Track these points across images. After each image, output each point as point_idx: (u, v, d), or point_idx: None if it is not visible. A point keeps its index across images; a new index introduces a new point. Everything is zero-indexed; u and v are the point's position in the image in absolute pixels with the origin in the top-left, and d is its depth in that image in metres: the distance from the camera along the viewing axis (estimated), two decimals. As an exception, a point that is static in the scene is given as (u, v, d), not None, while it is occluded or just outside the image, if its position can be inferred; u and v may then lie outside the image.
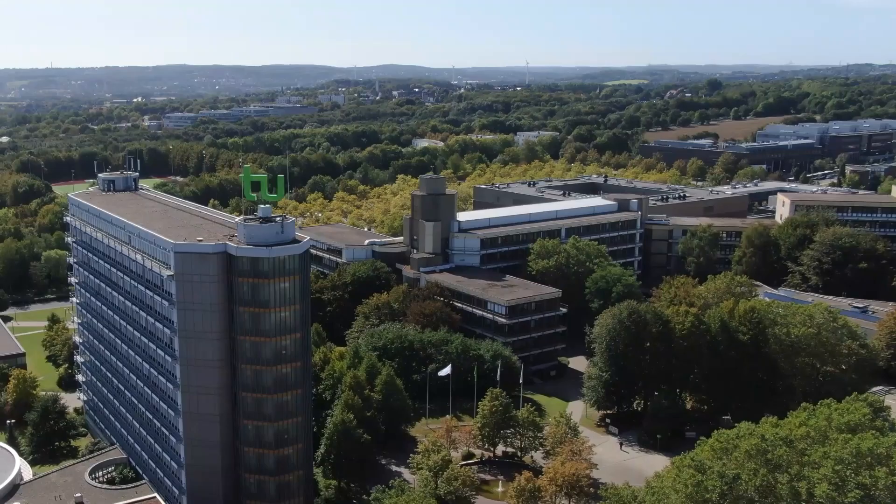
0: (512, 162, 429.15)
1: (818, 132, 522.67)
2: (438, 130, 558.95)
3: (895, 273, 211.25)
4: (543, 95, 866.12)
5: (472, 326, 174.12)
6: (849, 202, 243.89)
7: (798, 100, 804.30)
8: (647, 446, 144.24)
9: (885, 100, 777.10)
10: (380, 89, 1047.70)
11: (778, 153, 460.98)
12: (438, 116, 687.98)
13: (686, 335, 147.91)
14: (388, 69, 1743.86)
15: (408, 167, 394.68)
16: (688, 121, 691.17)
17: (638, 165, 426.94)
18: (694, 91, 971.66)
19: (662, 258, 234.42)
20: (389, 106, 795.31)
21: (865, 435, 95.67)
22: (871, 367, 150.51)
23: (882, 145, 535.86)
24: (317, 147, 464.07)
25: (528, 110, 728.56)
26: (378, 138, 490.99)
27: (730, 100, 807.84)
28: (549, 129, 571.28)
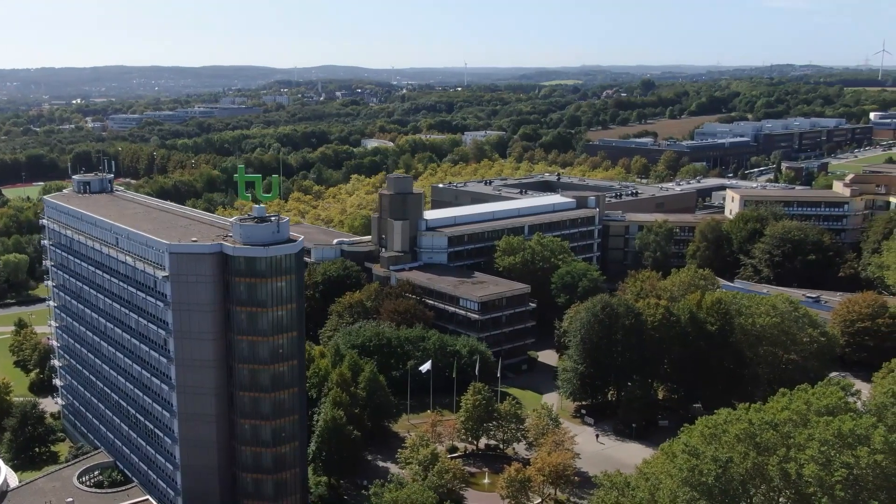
0: (462, 161, 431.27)
1: (753, 130, 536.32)
2: (386, 130, 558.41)
3: (841, 264, 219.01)
4: (485, 96, 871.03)
5: (445, 323, 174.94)
6: (794, 197, 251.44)
7: (729, 99, 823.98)
8: (623, 435, 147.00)
9: (810, 99, 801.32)
10: (322, 90, 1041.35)
11: (716, 151, 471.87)
12: (383, 117, 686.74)
13: (657, 327, 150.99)
14: (327, 70, 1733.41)
15: (360, 167, 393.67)
16: (626, 120, 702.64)
17: (584, 164, 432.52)
18: (629, 91, 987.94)
19: (619, 253, 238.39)
20: (334, 106, 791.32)
21: (844, 417, 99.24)
22: (829, 354, 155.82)
23: (812, 142, 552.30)
24: (267, 148, 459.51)
25: (472, 110, 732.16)
26: (328, 139, 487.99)
27: (665, 99, 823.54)
28: (495, 128, 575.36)
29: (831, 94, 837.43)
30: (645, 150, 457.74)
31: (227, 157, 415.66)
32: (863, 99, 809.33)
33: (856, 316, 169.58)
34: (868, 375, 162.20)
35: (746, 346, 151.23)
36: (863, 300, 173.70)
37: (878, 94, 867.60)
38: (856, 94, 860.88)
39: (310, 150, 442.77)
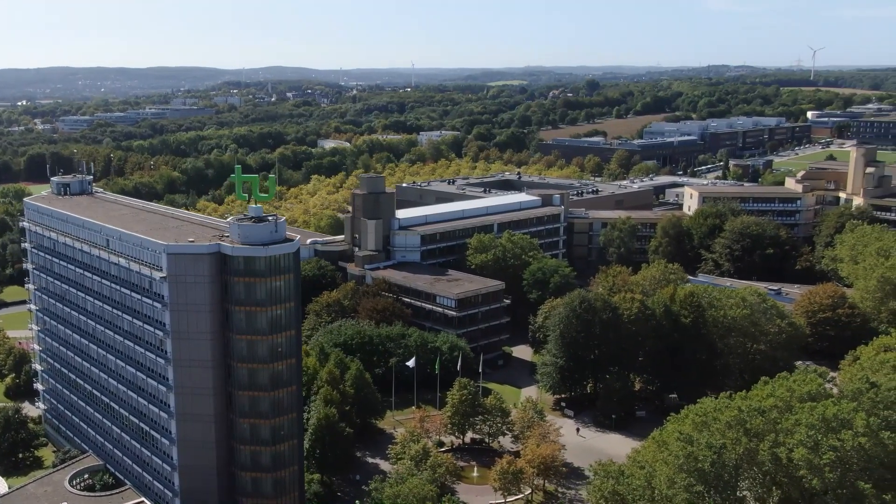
0: (419, 161, 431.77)
1: (699, 129, 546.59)
2: (341, 131, 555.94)
3: (797, 257, 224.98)
4: (436, 96, 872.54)
5: (421, 320, 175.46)
6: (750, 193, 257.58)
7: (672, 99, 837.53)
8: (603, 426, 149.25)
9: (750, 99, 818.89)
10: (273, 91, 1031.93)
11: (666, 149, 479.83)
12: (336, 117, 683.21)
13: (633, 320, 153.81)
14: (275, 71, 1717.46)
15: (320, 167, 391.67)
16: (575, 119, 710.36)
17: (539, 163, 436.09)
18: (575, 91, 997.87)
19: (584, 250, 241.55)
20: (286, 107, 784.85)
21: (826, 403, 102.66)
22: (796, 344, 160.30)
23: (755, 141, 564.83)
24: (224, 149, 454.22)
25: (424, 111, 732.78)
26: (284, 139, 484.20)
27: (611, 99, 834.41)
28: (449, 128, 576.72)
29: (769, 94, 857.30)
30: (597, 149, 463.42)
31: (184, 158, 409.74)
32: (799, 98, 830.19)
33: (817, 307, 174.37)
34: (830, 363, 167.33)
35: (718, 338, 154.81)
36: (823, 292, 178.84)
37: (814, 94, 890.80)
38: (792, 93, 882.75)
39: (268, 151, 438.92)
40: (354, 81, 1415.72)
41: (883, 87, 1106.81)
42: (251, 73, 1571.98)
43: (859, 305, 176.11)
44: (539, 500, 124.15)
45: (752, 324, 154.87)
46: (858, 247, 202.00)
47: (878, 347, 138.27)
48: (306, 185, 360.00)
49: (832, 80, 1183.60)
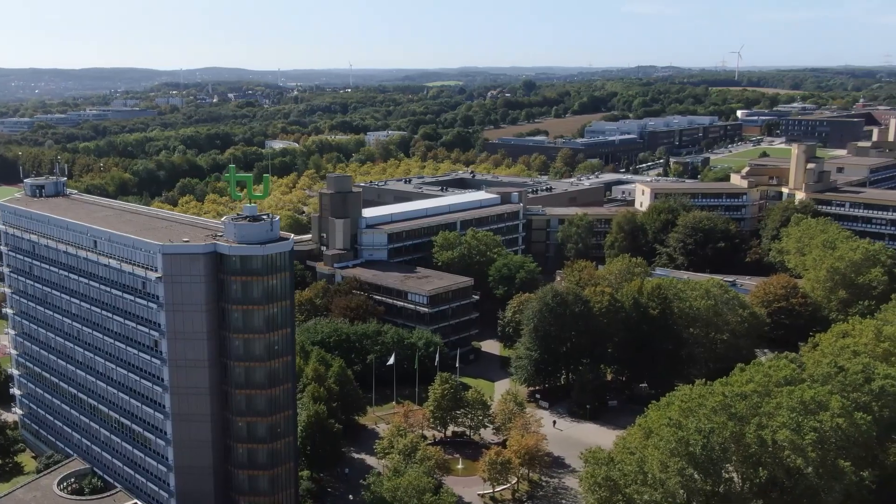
0: (369, 161, 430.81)
1: (638, 128, 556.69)
2: (288, 132, 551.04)
3: (747, 250, 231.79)
4: (378, 97, 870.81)
5: (393, 317, 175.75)
6: (699, 189, 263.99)
7: (608, 99, 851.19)
8: (578, 416, 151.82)
9: (682, 98, 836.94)
10: (213, 92, 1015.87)
11: (608, 148, 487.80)
12: (280, 118, 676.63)
13: (603, 313, 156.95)
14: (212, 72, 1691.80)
15: (271, 168, 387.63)
16: (515, 119, 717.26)
17: (486, 161, 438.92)
18: (512, 91, 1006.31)
19: (542, 246, 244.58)
20: (229, 108, 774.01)
21: (802, 386, 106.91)
22: (757, 333, 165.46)
23: (690, 139, 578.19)
24: (172, 150, 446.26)
25: (367, 111, 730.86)
26: (232, 140, 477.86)
27: (549, 99, 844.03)
28: (394, 128, 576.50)
29: (699, 94, 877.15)
30: (542, 147, 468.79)
31: (132, 159, 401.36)
32: (729, 98, 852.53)
33: (772, 297, 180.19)
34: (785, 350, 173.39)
35: (683, 329, 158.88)
36: (777, 282, 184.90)
37: (742, 94, 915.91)
38: (721, 93, 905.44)
39: (218, 152, 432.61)
40: (293, 82, 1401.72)
41: (802, 87, 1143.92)
42: (188, 73, 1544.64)
43: (811, 295, 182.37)
44: (525, 489, 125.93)
45: (716, 314, 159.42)
46: (804, 239, 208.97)
47: (837, 334, 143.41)
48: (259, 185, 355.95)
49: (755, 80, 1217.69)
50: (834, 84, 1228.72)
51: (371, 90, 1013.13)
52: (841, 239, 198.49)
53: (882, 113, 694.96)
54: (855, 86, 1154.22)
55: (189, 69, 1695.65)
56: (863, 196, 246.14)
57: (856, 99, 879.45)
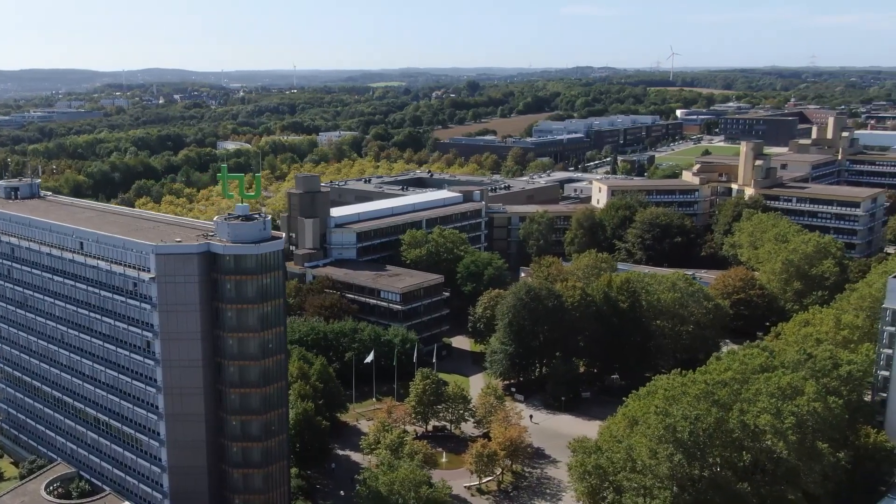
0: (323, 161, 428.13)
1: (584, 127, 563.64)
2: (239, 133, 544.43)
3: (702, 244, 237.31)
4: (325, 97, 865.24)
5: (366, 315, 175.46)
6: (654, 186, 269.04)
7: (551, 99, 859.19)
8: (553, 408, 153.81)
9: (623, 98, 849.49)
10: (159, 93, 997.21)
11: (556, 147, 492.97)
12: (228, 119, 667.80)
13: (575, 307, 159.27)
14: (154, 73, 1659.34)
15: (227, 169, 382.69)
16: (463, 119, 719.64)
17: (439, 161, 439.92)
18: (457, 92, 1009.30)
19: (503, 243, 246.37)
20: (177, 109, 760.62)
21: (777, 373, 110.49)
22: (721, 324, 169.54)
23: (634, 137, 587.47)
24: (123, 152, 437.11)
25: (315, 111, 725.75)
26: (183, 142, 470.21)
27: (494, 99, 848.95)
28: (344, 129, 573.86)
29: (639, 94, 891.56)
30: (493, 147, 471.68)
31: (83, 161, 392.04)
32: (667, 98, 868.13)
33: (732, 289, 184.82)
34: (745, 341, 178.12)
35: (651, 321, 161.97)
36: (735, 275, 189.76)
37: (679, 94, 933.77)
38: (660, 93, 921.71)
39: (171, 154, 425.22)
40: (236, 83, 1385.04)
41: (734, 87, 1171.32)
42: (130, 75, 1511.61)
43: (767, 286, 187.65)
44: (509, 480, 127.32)
45: (682, 306, 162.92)
46: (756, 233, 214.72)
47: (799, 323, 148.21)
48: (215, 186, 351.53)
49: (689, 81, 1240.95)
50: (763, 84, 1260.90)
51: (317, 91, 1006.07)
52: (792, 232, 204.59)
53: (813, 112, 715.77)
54: (783, 86, 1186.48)
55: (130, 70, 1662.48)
56: (808, 191, 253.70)
57: (786, 98, 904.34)
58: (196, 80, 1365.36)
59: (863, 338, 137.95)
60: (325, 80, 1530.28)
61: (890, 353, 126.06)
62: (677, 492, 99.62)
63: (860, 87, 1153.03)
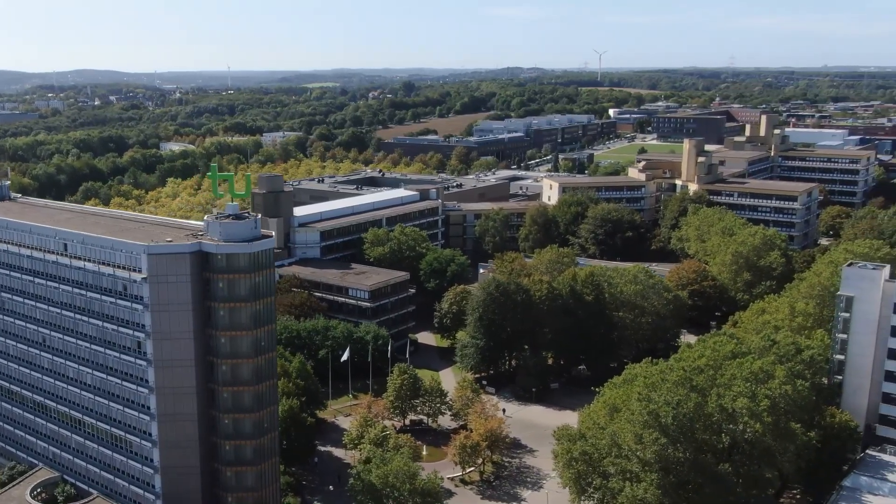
0: (269, 162, 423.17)
1: (524, 126, 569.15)
2: (181, 134, 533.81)
3: (652, 239, 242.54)
4: (264, 98, 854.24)
5: (334, 313, 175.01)
6: (603, 183, 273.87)
7: (487, 99, 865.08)
8: (524, 400, 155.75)
9: (556, 98, 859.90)
10: (94, 94, 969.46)
11: (498, 146, 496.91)
12: (167, 120, 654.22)
13: (543, 301, 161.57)
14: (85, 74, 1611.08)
15: (173, 170, 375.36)
16: (402, 119, 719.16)
17: (384, 161, 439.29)
18: (393, 92, 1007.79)
19: (460, 240, 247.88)
20: (114, 111, 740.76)
21: (748, 358, 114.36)
22: (681, 315, 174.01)
23: (572, 136, 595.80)
24: (65, 154, 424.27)
25: (255, 112, 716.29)
26: (126, 143, 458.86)
27: (431, 99, 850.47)
28: (287, 129, 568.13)
29: (571, 94, 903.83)
30: (437, 146, 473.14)
31: (23, 163, 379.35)
32: (599, 98, 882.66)
33: (685, 281, 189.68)
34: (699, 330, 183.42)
35: (614, 313, 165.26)
36: (688, 267, 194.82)
37: (610, 93, 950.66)
38: (591, 93, 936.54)
39: (115, 155, 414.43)
40: (170, 84, 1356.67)
41: (658, 87, 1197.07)
42: (60, 76, 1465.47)
43: (718, 277, 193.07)
44: (490, 471, 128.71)
45: (643, 298, 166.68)
46: (703, 227, 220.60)
47: (756, 311, 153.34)
48: (163, 188, 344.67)
49: (616, 81, 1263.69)
50: (686, 84, 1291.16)
51: (254, 92, 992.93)
52: (738, 226, 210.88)
53: (738, 111, 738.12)
54: (704, 86, 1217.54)
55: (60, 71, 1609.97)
56: (748, 186, 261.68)
57: (711, 98, 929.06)
58: (128, 81, 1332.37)
59: (815, 324, 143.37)
60: (259, 81, 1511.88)
61: (845, 337, 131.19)
62: (662, 475, 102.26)
63: (776, 86, 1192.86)
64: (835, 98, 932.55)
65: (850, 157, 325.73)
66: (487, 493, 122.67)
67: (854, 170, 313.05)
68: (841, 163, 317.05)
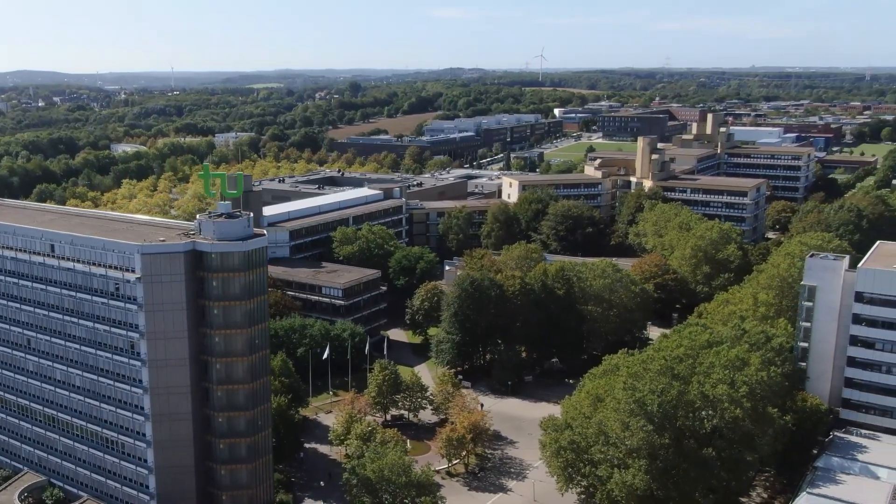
0: (223, 162, 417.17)
1: (474, 126, 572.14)
2: (132, 135, 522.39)
3: (611, 234, 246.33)
4: (211, 99, 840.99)
5: (307, 311, 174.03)
6: (561, 181, 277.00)
7: (434, 99, 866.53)
8: (500, 393, 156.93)
9: (502, 98, 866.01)
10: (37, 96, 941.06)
11: (451, 145, 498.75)
12: (115, 121, 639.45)
13: (516, 295, 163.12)
14: (24, 75, 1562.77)
15: (128, 171, 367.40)
16: (352, 119, 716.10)
17: (338, 160, 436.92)
18: (340, 93, 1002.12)
19: (423, 238, 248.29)
20: (60, 112, 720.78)
21: (723, 347, 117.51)
22: (647, 307, 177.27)
23: (520, 135, 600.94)
24: (14, 156, 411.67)
25: (203, 113, 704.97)
26: (76, 145, 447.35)
27: (379, 100, 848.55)
28: (237, 130, 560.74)
29: (516, 94, 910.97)
30: (391, 146, 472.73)
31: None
32: (544, 97, 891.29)
33: (648, 274, 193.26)
34: (662, 322, 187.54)
35: (584, 307, 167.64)
36: (650, 261, 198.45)
37: (554, 93, 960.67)
38: (536, 93, 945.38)
39: (68, 157, 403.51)
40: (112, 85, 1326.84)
41: (598, 87, 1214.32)
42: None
43: (678, 271, 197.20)
44: (474, 462, 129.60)
45: (611, 292, 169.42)
46: (660, 222, 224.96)
47: (721, 302, 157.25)
48: (119, 189, 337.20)
49: (557, 81, 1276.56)
50: (624, 84, 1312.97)
51: (201, 92, 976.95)
52: (694, 221, 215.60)
53: (677, 110, 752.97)
54: (642, 86, 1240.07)
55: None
56: (700, 183, 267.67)
57: (651, 97, 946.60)
58: (70, 82, 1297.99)
59: (776, 314, 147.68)
60: (203, 82, 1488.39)
61: (808, 325, 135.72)
62: (649, 461, 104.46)
63: (709, 86, 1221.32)
64: (766, 97, 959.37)
65: (792, 153, 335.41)
66: (474, 485, 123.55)
67: (796, 166, 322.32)
68: (783, 159, 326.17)
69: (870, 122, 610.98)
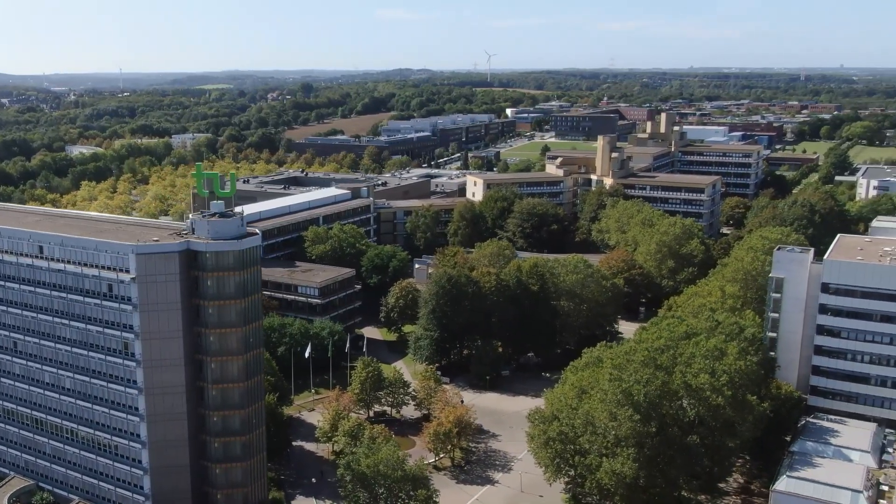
0: (182, 163, 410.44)
1: (430, 126, 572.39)
2: (87, 136, 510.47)
3: (575, 231, 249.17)
4: (164, 100, 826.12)
5: (284, 311, 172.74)
6: (525, 179, 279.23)
7: (387, 99, 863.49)
8: (478, 388, 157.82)
9: (454, 98, 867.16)
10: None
11: (408, 145, 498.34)
12: (66, 122, 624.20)
13: (493, 292, 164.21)
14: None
15: (86, 173, 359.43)
16: (307, 120, 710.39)
17: (297, 161, 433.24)
18: (292, 93, 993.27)
19: (391, 237, 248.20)
20: (10, 114, 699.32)
21: (700, 338, 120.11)
22: (618, 301, 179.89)
23: (475, 135, 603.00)
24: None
25: (157, 114, 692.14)
26: (31, 147, 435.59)
27: (333, 100, 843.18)
28: (192, 131, 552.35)
29: (468, 94, 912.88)
30: (349, 146, 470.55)
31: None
32: (496, 98, 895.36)
33: (616, 269, 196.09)
34: (630, 315, 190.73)
35: (556, 302, 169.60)
36: (617, 257, 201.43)
37: (505, 93, 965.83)
38: (487, 93, 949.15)
39: (23, 159, 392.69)
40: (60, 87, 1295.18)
41: (545, 87, 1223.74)
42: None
43: (644, 266, 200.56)
44: (459, 456, 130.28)
45: (582, 287, 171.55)
46: (623, 219, 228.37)
47: (690, 295, 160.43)
48: (78, 191, 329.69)
49: (505, 82, 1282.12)
50: (570, 84, 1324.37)
51: (152, 93, 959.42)
52: (657, 217, 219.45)
53: (626, 109, 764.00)
54: (588, 86, 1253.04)
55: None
56: (658, 180, 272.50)
57: (599, 97, 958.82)
58: (15, 84, 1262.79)
59: (743, 305, 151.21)
60: (151, 83, 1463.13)
61: (776, 316, 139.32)
62: (636, 449, 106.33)
63: (652, 86, 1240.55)
64: (708, 97, 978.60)
65: (743, 151, 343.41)
66: (461, 478, 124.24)
67: (747, 163, 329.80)
68: (735, 157, 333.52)
69: (809, 121, 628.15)
